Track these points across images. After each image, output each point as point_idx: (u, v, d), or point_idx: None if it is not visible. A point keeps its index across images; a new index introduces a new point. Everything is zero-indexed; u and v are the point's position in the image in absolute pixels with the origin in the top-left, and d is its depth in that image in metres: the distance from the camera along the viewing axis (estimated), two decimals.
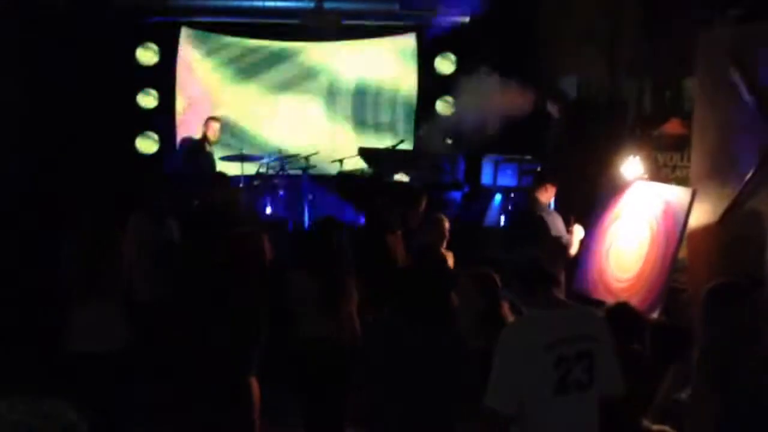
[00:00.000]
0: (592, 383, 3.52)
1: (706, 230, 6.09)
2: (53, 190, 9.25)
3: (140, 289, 6.16)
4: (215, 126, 10.30)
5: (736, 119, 5.97)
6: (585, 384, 3.51)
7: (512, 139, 9.83)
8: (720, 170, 6.05)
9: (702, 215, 6.07)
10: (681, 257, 6.17)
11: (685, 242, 6.08)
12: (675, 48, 7.33)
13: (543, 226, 6.77)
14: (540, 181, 7.06)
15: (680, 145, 6.84)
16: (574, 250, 6.81)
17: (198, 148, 10.31)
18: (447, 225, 6.61)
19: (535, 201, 6.95)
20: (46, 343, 5.55)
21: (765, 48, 5.79)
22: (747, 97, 5.83)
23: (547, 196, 6.97)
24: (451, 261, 6.61)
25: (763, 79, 5.78)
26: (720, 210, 5.99)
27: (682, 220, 5.91)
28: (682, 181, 6.62)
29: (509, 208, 8.88)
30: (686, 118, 6.64)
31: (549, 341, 3.44)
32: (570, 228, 6.83)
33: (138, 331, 5.45)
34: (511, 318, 4.08)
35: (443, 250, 6.58)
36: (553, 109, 8.86)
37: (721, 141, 6.09)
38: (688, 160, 6.56)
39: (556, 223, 6.84)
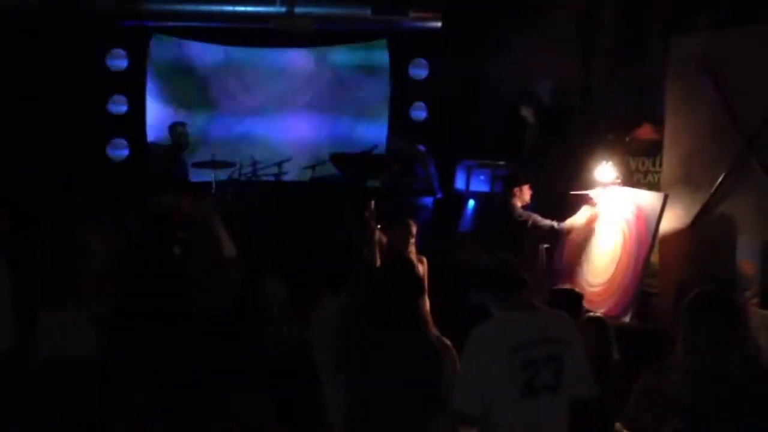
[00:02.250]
0: (561, 386, 3.53)
1: (677, 234, 6.14)
2: (22, 194, 9.13)
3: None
4: (181, 131, 10.21)
5: (707, 125, 6.02)
6: (553, 387, 3.52)
7: (485, 144, 9.85)
8: (691, 175, 6.11)
9: (673, 220, 6.12)
10: (652, 261, 6.21)
11: (656, 246, 6.12)
12: (648, 53, 7.38)
13: (520, 230, 6.72)
14: (510, 186, 7.01)
15: (652, 150, 6.88)
16: (581, 217, 6.68)
17: (169, 155, 10.22)
18: (414, 229, 6.58)
19: (512, 206, 6.88)
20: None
21: (736, 55, 5.85)
22: (717, 102, 5.88)
23: (523, 198, 6.93)
24: (423, 266, 6.61)
25: (732, 84, 5.83)
26: (691, 214, 6.05)
27: (653, 225, 5.95)
28: (653, 186, 6.67)
29: (483, 213, 8.86)
30: (658, 123, 6.67)
31: (516, 343, 3.45)
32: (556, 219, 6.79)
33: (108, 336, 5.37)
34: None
35: (416, 255, 6.57)
36: (527, 113, 8.87)
37: (693, 146, 6.15)
38: (660, 165, 6.61)
39: (536, 219, 6.77)
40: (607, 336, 4.98)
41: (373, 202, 6.95)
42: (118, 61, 11.53)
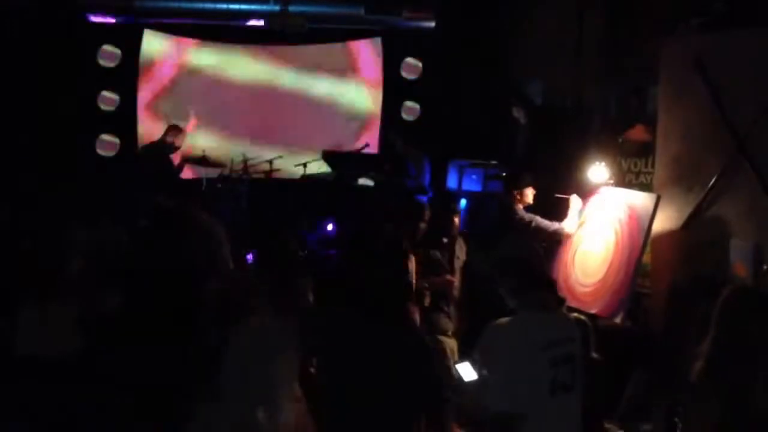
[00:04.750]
0: (575, 385, 3.57)
1: (669, 235, 6.15)
2: (11, 191, 9.10)
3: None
4: (177, 134, 10.20)
5: (699, 126, 6.04)
6: (569, 386, 3.54)
7: (478, 144, 9.87)
8: (683, 176, 6.13)
9: (666, 221, 6.13)
10: (644, 262, 6.23)
11: (649, 247, 6.14)
12: (640, 54, 7.40)
13: (522, 231, 6.67)
14: (513, 188, 6.95)
15: (644, 151, 6.90)
16: (573, 222, 6.64)
17: (162, 154, 10.19)
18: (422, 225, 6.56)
19: (514, 208, 6.84)
20: None
21: (727, 56, 5.87)
22: (709, 104, 5.90)
23: (524, 201, 6.88)
24: (412, 263, 6.61)
25: (724, 86, 5.86)
26: (683, 215, 6.06)
27: (646, 226, 5.96)
28: (645, 187, 6.68)
29: (477, 213, 8.84)
30: (651, 124, 6.69)
31: (545, 342, 3.48)
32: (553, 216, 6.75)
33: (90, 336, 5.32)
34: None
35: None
36: (519, 114, 8.89)
37: (684, 147, 6.16)
38: (652, 166, 6.63)
39: (539, 221, 6.75)
40: (587, 337, 5.01)
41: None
42: (110, 58, 11.52)
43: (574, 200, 6.67)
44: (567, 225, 6.66)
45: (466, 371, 4.11)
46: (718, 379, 3.28)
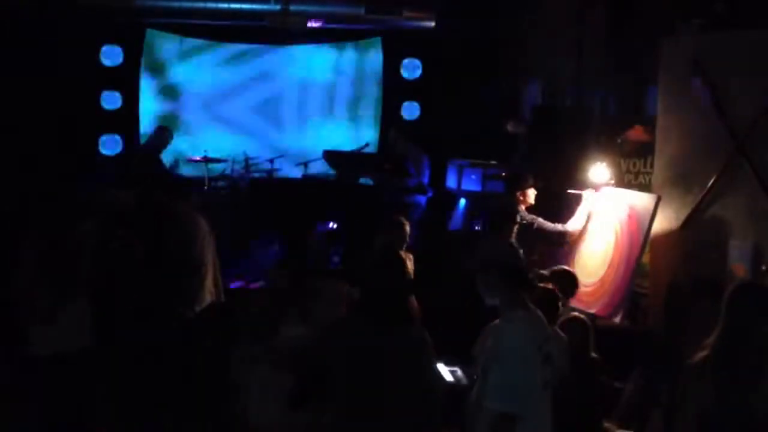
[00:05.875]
0: (551, 382, 3.62)
1: (668, 236, 6.17)
2: (13, 191, 9.11)
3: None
4: (164, 135, 10.21)
5: (698, 127, 6.05)
6: (551, 384, 3.61)
7: (477, 143, 9.88)
8: (682, 177, 6.14)
9: (664, 221, 6.15)
10: (643, 262, 6.24)
11: (647, 247, 6.15)
12: (640, 54, 7.41)
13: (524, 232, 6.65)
14: (515, 188, 6.93)
15: (643, 151, 6.91)
16: (578, 221, 6.65)
17: (151, 155, 10.20)
18: (407, 228, 6.57)
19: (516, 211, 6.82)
20: (9, 345, 5.46)
21: (727, 57, 5.88)
22: (708, 104, 5.91)
23: (526, 201, 6.87)
24: (410, 264, 6.61)
25: (723, 87, 5.87)
26: (682, 216, 6.08)
27: (646, 226, 5.99)
28: (644, 187, 6.70)
29: (477, 212, 8.84)
30: (650, 124, 6.70)
31: (538, 341, 3.53)
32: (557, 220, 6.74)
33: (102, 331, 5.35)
34: None
35: (403, 252, 6.57)
36: (513, 127, 8.90)
37: (684, 148, 6.18)
38: (651, 166, 6.64)
39: (541, 222, 6.74)
40: (586, 335, 5.03)
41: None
42: (112, 57, 11.53)
43: (586, 197, 6.64)
44: (571, 225, 6.65)
45: (443, 372, 4.14)
46: (718, 374, 3.31)
